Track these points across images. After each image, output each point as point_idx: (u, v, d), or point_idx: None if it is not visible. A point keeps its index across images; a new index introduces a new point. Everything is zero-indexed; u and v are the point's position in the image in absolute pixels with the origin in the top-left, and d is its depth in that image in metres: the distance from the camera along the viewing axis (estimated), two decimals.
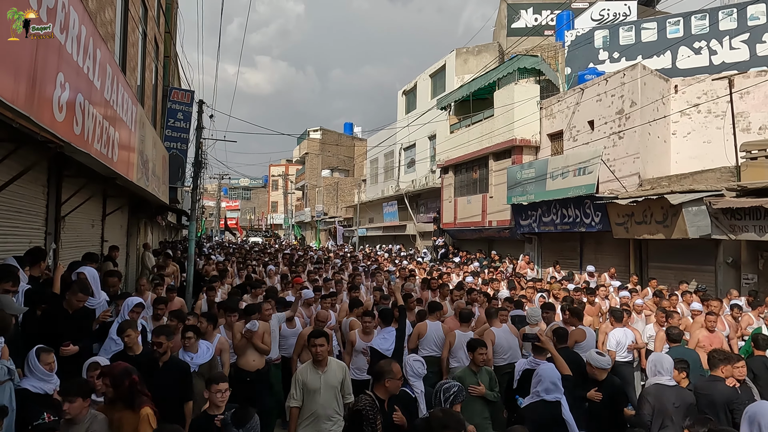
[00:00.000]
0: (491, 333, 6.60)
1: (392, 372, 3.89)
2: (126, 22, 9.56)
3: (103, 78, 5.42)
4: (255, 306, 6.32)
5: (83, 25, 4.61)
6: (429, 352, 6.51)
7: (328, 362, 4.50)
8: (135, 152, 7.69)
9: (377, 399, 3.87)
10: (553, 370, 4.30)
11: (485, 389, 5.05)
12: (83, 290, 4.92)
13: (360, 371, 6.21)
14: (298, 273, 11.96)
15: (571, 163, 14.91)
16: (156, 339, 4.55)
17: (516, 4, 26.43)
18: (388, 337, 5.79)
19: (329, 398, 4.38)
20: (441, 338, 6.62)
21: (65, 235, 7.04)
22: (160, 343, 4.53)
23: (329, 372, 4.45)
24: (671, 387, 4.64)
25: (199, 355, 5.21)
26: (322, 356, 4.45)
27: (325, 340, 4.52)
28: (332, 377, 4.45)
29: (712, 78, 14.10)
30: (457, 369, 5.97)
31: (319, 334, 4.57)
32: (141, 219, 14.03)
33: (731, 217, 10.38)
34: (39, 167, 5.80)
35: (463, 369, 5.32)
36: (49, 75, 3.89)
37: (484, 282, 11.79)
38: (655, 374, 4.72)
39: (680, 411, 4.48)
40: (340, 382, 4.48)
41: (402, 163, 31.37)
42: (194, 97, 15.60)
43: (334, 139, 50.63)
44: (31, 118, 3.57)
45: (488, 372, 5.28)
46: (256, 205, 75.65)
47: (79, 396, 3.39)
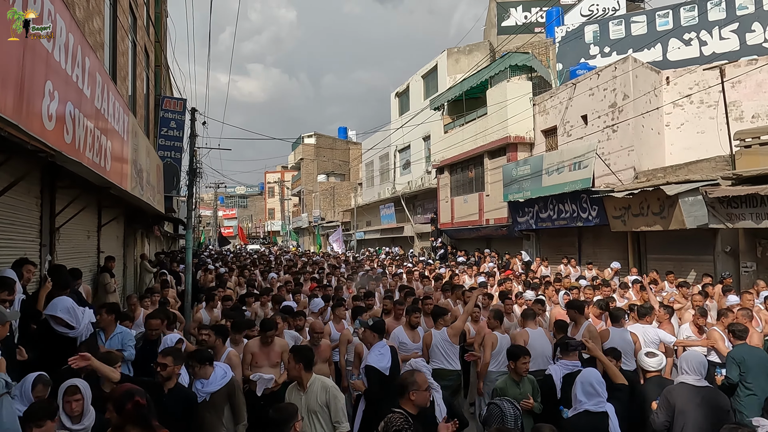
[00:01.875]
0: (525, 334, 6.09)
1: (416, 383, 3.52)
2: (115, 31, 9.54)
3: (93, 87, 5.39)
4: (271, 322, 5.70)
5: (71, 33, 4.58)
6: (437, 364, 5.83)
7: (309, 381, 4.02)
8: (128, 162, 7.65)
9: (409, 415, 3.47)
10: (593, 373, 3.83)
11: (534, 402, 4.56)
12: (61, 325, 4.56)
13: None
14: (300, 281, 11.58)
15: (566, 159, 14.93)
16: (161, 360, 3.91)
17: (505, 3, 26.49)
18: (385, 353, 5.18)
19: (311, 425, 3.90)
20: (450, 347, 5.94)
21: (60, 247, 6.99)
22: (164, 365, 3.87)
23: (310, 393, 3.97)
24: (699, 387, 4.05)
25: (212, 381, 4.36)
26: (291, 374, 4.06)
27: (293, 357, 4.08)
28: (312, 400, 3.94)
29: (703, 68, 14.13)
30: (493, 375, 5.79)
31: (293, 348, 4.23)
32: (137, 229, 13.98)
33: (728, 205, 10.38)
34: (31, 178, 5.76)
35: (504, 379, 4.85)
36: (38, 83, 3.86)
37: (499, 282, 11.13)
38: (681, 373, 4.21)
39: (705, 414, 3.91)
40: (323, 405, 3.94)
41: (397, 165, 31.38)
42: (187, 105, 15.57)
43: (329, 144, 50.62)
44: (20, 127, 3.53)
45: (531, 381, 4.82)
46: (253, 213, 75.54)
47: (47, 419, 3.21)
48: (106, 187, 7.10)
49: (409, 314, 6.24)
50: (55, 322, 4.50)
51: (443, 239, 23.41)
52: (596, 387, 3.66)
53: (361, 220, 36.32)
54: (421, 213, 27.37)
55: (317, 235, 40.78)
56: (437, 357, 5.91)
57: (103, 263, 8.98)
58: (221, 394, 4.33)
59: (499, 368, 5.89)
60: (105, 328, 5.22)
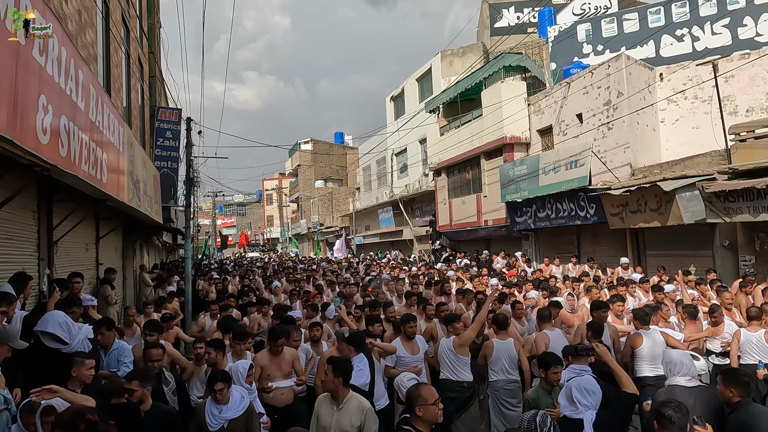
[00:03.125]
0: (545, 337, 5.79)
1: (421, 397, 3.20)
2: (108, 44, 9.56)
3: (87, 99, 5.39)
4: (282, 330, 5.47)
5: (63, 46, 4.59)
6: (443, 374, 5.63)
7: (345, 398, 3.76)
8: (125, 173, 7.65)
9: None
10: (584, 381, 3.64)
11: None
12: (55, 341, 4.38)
13: (379, 395, 5.34)
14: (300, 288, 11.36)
15: (562, 158, 14.95)
16: (127, 386, 3.67)
17: (497, 4, 26.57)
18: (363, 367, 4.81)
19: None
20: (455, 357, 5.57)
21: (59, 260, 6.98)
22: (131, 391, 3.64)
23: (344, 411, 3.72)
24: (691, 388, 4.03)
25: (231, 406, 3.99)
26: (327, 387, 3.85)
27: (332, 368, 3.82)
28: (346, 419, 3.68)
29: (696, 64, 14.18)
30: (499, 384, 5.59)
31: (332, 360, 3.95)
32: (136, 240, 13.96)
33: (725, 200, 10.40)
34: (28, 192, 5.76)
35: (535, 389, 4.57)
36: (31, 98, 3.86)
37: (508, 284, 10.35)
38: (671, 375, 4.18)
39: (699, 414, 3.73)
40: (356, 428, 3.65)
41: (394, 168, 31.40)
42: (182, 115, 15.58)
43: (326, 150, 50.63)
44: (15, 142, 3.54)
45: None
46: (252, 221, 75.48)
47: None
48: (103, 199, 7.11)
49: (403, 324, 5.85)
50: (46, 338, 4.29)
51: (442, 241, 23.40)
52: (576, 395, 3.52)
53: (360, 225, 36.31)
54: (419, 216, 27.37)
55: (317, 241, 40.79)
56: (444, 367, 5.60)
57: (104, 275, 8.97)
58: (239, 421, 3.96)
59: (502, 377, 5.66)
60: (106, 345, 5.15)
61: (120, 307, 10.02)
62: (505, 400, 5.63)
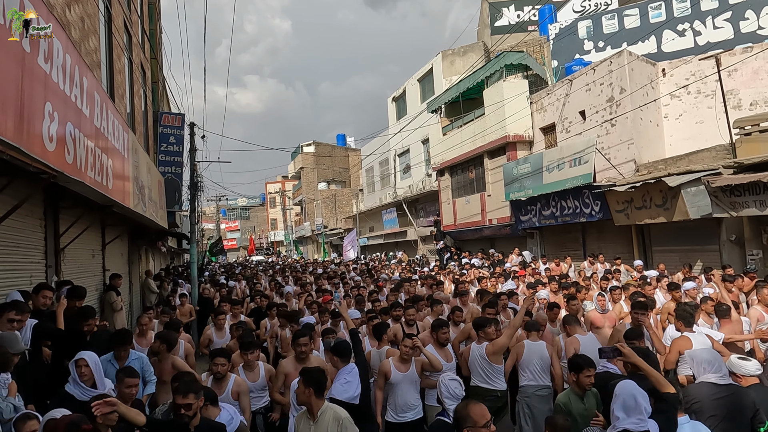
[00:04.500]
0: (575, 341, 5.39)
1: (470, 418, 2.92)
2: (111, 50, 9.58)
3: (91, 106, 5.41)
4: (304, 330, 5.21)
5: (67, 53, 4.60)
6: (475, 381, 5.30)
7: (320, 410, 3.58)
8: (130, 179, 7.67)
9: None
10: (633, 384, 3.27)
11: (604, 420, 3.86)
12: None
13: (404, 410, 4.97)
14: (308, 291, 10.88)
15: (566, 155, 14.92)
16: (183, 401, 3.33)
17: (497, 3, 26.56)
18: (352, 379, 4.40)
19: None
20: (488, 365, 5.22)
21: (66, 267, 7.00)
22: (189, 405, 3.32)
23: (320, 424, 3.55)
24: (722, 386, 3.79)
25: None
26: (299, 399, 3.65)
27: (302, 380, 3.63)
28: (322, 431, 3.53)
29: (699, 58, 14.14)
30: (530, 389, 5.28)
31: (303, 371, 3.75)
32: (141, 246, 14.00)
33: (731, 194, 10.35)
34: (34, 200, 5.77)
35: (566, 393, 4.38)
36: (37, 105, 3.87)
37: (529, 286, 9.95)
38: (701, 372, 3.92)
39: (728, 412, 3.65)
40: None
41: (397, 169, 31.39)
42: (185, 120, 15.62)
43: (328, 152, 50.70)
44: (22, 149, 3.55)
45: (594, 395, 4.28)
46: (256, 224, 75.57)
47: None
48: (109, 205, 7.12)
49: (436, 330, 5.49)
50: (74, 383, 3.85)
51: (446, 241, 23.38)
52: (639, 400, 3.10)
53: (364, 226, 36.32)
54: (423, 216, 27.35)
55: (321, 243, 40.82)
56: (475, 374, 5.28)
57: (109, 281, 8.98)
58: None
59: (533, 381, 5.33)
60: (121, 358, 4.92)
61: (127, 313, 10.04)
62: (536, 407, 5.26)
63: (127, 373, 4.07)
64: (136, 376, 4.11)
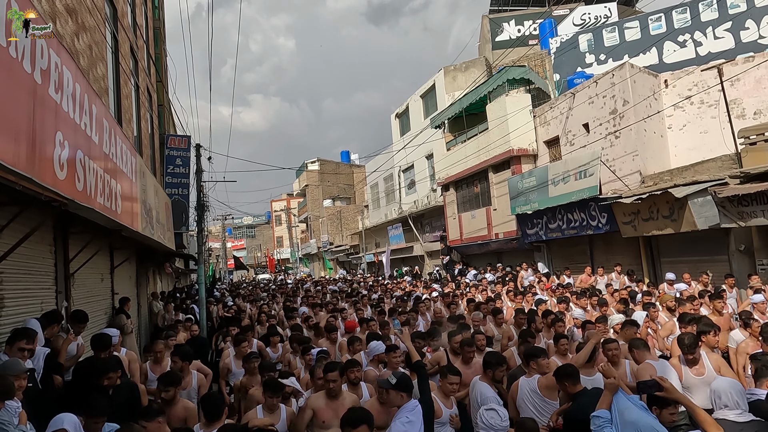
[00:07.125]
0: (650, 368, 4.78)
1: None
2: (118, 76, 9.71)
3: (100, 132, 5.47)
4: (336, 363, 4.85)
5: (77, 82, 4.67)
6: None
7: None
8: (138, 202, 7.72)
9: None
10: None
11: None
12: None
13: None
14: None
15: (571, 168, 14.93)
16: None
17: (498, 18, 26.81)
18: (415, 419, 3.73)
19: None
20: (541, 401, 4.60)
21: (76, 292, 7.02)
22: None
23: None
24: (742, 423, 3.43)
25: None
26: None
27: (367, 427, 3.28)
28: None
29: (701, 69, 14.17)
30: None
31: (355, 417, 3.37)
32: (149, 268, 14.04)
33: (738, 204, 10.30)
34: (44, 227, 5.81)
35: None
36: (48, 135, 3.92)
37: (560, 300, 9.43)
38: (719, 408, 3.55)
39: None
40: None
41: (402, 185, 31.45)
42: (191, 142, 15.75)
43: (333, 169, 50.89)
44: (34, 180, 3.58)
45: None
46: (262, 242, 75.71)
47: None
48: (118, 229, 7.16)
49: (494, 368, 4.79)
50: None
51: (453, 256, 23.33)
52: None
53: (370, 242, 36.29)
54: (429, 231, 27.34)
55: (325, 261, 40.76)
56: (525, 412, 4.58)
57: (119, 305, 9.00)
58: None
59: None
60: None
61: (136, 335, 10.03)
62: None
63: (155, 413, 3.79)
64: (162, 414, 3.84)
